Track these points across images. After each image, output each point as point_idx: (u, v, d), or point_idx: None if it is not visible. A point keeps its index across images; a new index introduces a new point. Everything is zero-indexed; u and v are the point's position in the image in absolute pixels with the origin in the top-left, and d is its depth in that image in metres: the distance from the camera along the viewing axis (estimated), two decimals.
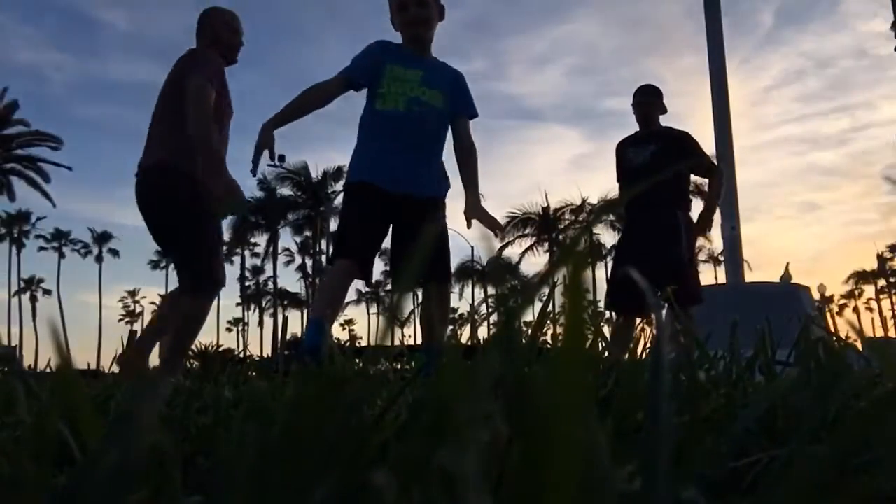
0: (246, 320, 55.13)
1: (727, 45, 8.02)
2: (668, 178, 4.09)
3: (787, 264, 7.29)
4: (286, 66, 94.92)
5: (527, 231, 41.94)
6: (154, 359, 3.30)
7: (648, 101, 4.49)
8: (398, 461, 0.31)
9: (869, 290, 63.60)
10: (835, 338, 1.06)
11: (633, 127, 4.59)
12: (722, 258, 8.41)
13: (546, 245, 40.74)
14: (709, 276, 49.76)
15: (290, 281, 79.57)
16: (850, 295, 64.69)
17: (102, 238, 57.02)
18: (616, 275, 4.30)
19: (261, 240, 45.40)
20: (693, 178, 4.76)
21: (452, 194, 3.29)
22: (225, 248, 3.44)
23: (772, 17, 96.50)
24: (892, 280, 60.39)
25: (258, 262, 51.82)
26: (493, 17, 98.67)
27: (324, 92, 3.15)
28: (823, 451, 0.30)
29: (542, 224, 41.42)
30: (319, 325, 2.92)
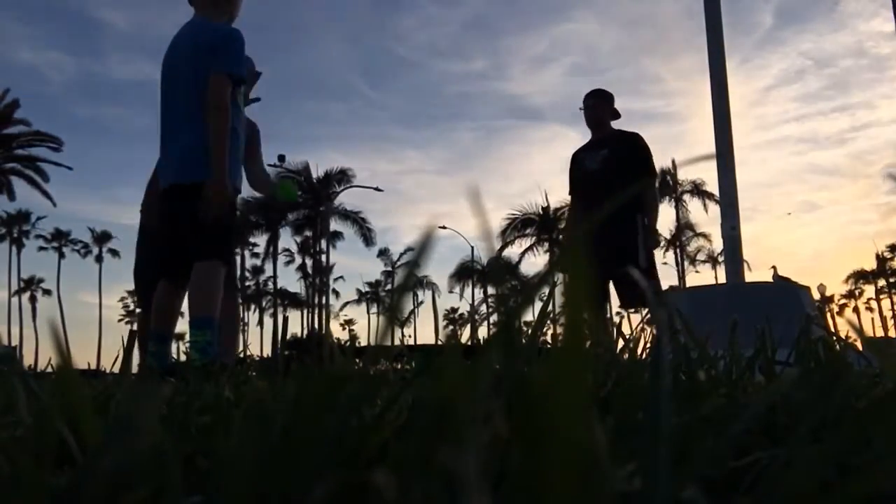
0: (246, 320, 55.15)
1: (727, 45, 8.00)
2: (624, 182, 4.13)
3: (774, 268, 7.27)
4: (284, 64, 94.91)
5: (527, 231, 41.92)
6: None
7: (594, 104, 4.54)
8: (398, 461, 0.31)
9: (869, 290, 63.63)
10: (835, 337, 1.06)
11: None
12: (722, 258, 8.40)
13: (546, 245, 40.71)
14: (709, 276, 49.84)
15: (290, 281, 79.62)
16: (850, 295, 64.67)
17: (102, 238, 57.02)
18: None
19: (261, 240, 45.40)
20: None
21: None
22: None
23: (772, 17, 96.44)
24: (892, 280, 60.37)
25: (258, 262, 51.89)
26: (493, 17, 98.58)
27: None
28: (823, 451, 0.30)
29: (542, 224, 41.39)
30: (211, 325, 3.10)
